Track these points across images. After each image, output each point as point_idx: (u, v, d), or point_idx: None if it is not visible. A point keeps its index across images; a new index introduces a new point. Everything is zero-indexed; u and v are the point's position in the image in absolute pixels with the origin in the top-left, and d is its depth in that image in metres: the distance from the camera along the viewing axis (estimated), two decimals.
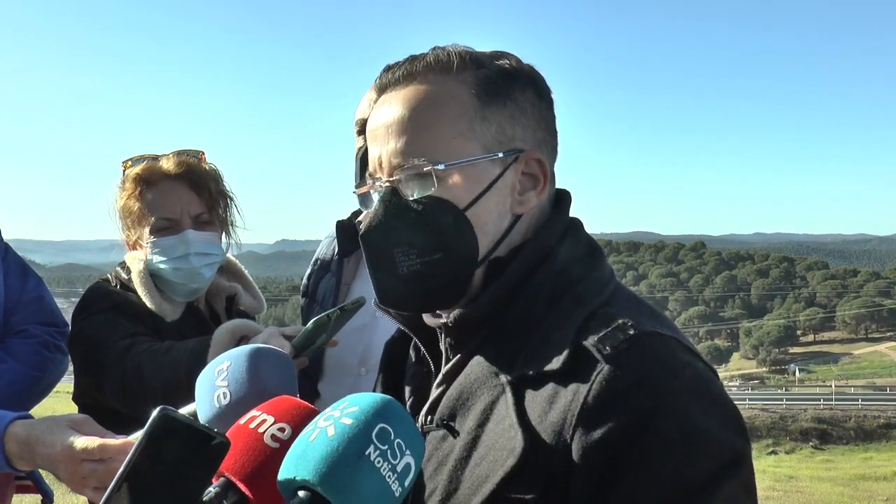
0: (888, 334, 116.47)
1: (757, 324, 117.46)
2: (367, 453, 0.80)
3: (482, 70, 1.09)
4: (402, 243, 1.07)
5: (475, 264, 1.07)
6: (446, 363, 1.13)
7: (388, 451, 0.81)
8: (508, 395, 0.99)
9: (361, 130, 1.95)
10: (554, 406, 0.95)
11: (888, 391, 59.58)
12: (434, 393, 1.12)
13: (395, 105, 1.09)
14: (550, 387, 0.97)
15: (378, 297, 1.13)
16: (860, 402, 47.20)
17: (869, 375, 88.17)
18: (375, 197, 1.12)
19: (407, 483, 0.84)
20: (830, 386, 63.12)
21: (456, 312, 1.08)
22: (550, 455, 0.93)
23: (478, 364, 1.06)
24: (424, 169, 1.05)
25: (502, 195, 1.08)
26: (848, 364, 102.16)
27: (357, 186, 1.91)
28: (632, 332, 0.96)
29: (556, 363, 0.97)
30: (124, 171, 2.07)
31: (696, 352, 1.01)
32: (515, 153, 1.08)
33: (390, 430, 0.83)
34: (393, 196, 1.08)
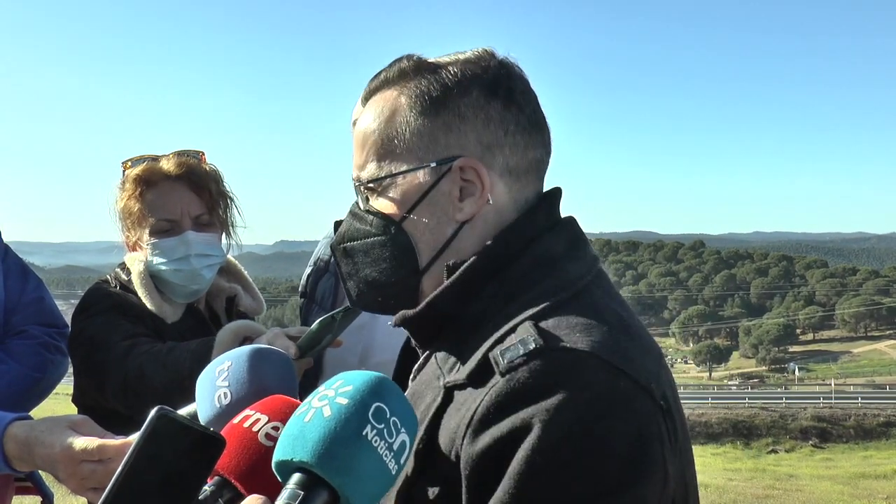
0: (887, 332, 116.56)
1: (756, 322, 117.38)
2: (364, 433, 0.80)
3: (417, 80, 1.11)
4: (360, 252, 1.14)
5: (418, 272, 1.11)
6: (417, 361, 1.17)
7: (385, 430, 0.81)
8: (439, 398, 1.01)
9: None
10: (456, 414, 0.96)
11: (888, 389, 59.74)
12: (408, 389, 1.14)
13: (359, 121, 1.15)
14: (463, 395, 0.98)
15: (350, 302, 1.20)
16: (860, 400, 47.31)
17: (868, 374, 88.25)
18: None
19: (402, 460, 0.84)
20: (830, 384, 63.33)
21: (399, 314, 1.13)
22: (445, 461, 0.95)
23: (430, 364, 1.09)
24: (363, 183, 1.12)
25: (440, 204, 1.09)
26: (847, 362, 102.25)
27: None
28: (533, 346, 0.93)
29: (465, 372, 0.99)
30: (124, 171, 2.06)
31: (628, 371, 0.93)
32: (449, 162, 1.08)
33: (386, 408, 0.83)
34: (356, 208, 1.16)
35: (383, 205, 1.11)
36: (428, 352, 1.13)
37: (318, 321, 1.57)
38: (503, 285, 1.05)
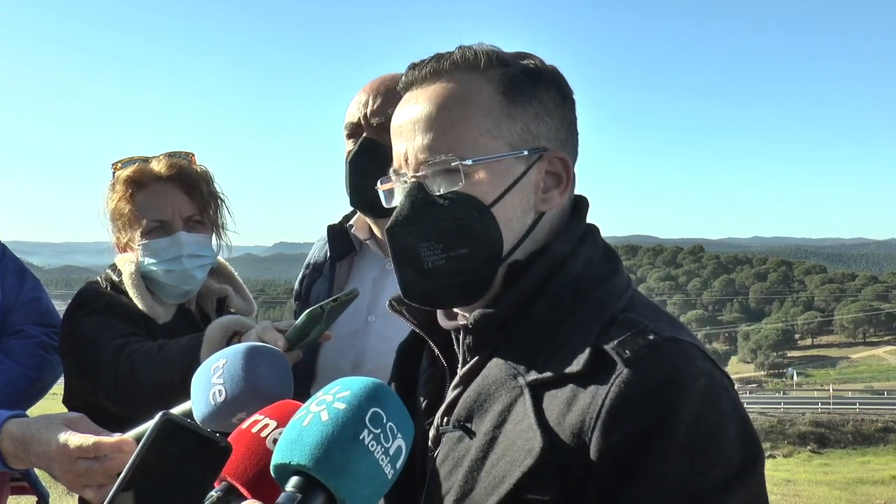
0: (886, 338, 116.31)
1: (755, 327, 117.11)
2: (361, 437, 0.81)
3: (508, 69, 1.10)
4: (429, 238, 1.08)
5: (500, 260, 1.09)
6: (463, 365, 1.12)
7: (381, 435, 0.83)
8: (527, 396, 1.00)
9: (351, 134, 1.94)
10: (573, 408, 0.96)
11: (886, 395, 59.60)
12: (451, 394, 1.12)
13: (421, 102, 1.10)
14: (569, 389, 0.98)
15: (402, 291, 1.13)
16: (858, 405, 47.34)
17: (867, 379, 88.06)
18: (399, 192, 1.13)
19: (398, 465, 0.85)
20: (828, 390, 63.18)
21: (477, 313, 1.08)
22: (568, 456, 0.94)
23: (496, 366, 1.06)
24: (451, 164, 1.07)
25: (526, 192, 1.09)
26: (846, 368, 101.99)
27: (349, 189, 1.91)
28: (652, 337, 0.97)
29: (576, 366, 0.98)
30: (114, 173, 2.06)
31: (713, 359, 1.01)
32: (540, 151, 1.09)
33: (383, 413, 0.84)
34: (419, 191, 1.09)
35: (471, 189, 1.07)
36: (476, 356, 1.10)
37: (305, 313, 1.56)
38: (565, 286, 1.07)
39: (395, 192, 1.15)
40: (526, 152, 1.08)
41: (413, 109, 1.10)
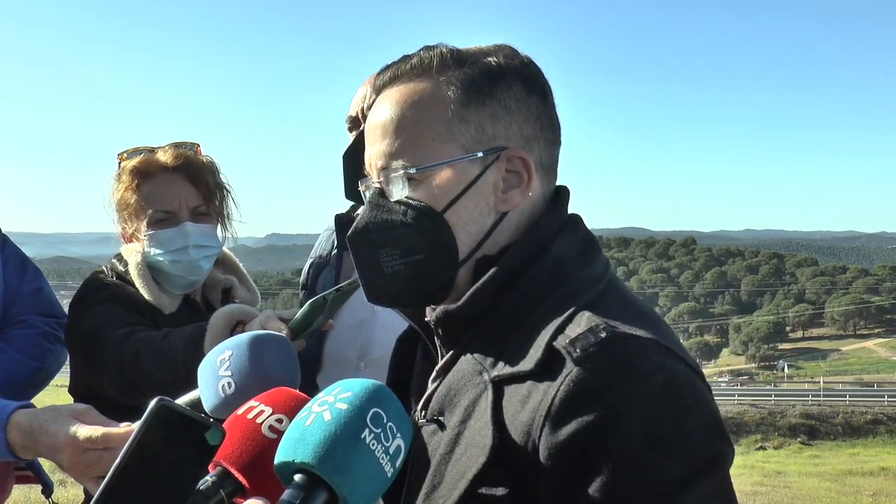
0: (876, 331, 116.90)
1: (746, 320, 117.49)
2: (362, 436, 0.83)
3: (462, 69, 1.09)
4: (386, 244, 1.10)
5: (457, 264, 1.09)
6: (441, 358, 1.14)
7: (382, 434, 0.85)
8: (489, 392, 1.00)
9: (352, 128, 1.95)
10: (525, 406, 0.96)
11: (875, 387, 59.97)
12: (430, 387, 1.13)
13: (382, 107, 1.12)
14: (526, 386, 0.98)
15: (366, 295, 1.15)
16: (848, 398, 47.57)
17: (857, 372, 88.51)
18: (366, 197, 1.15)
19: (398, 464, 0.87)
20: (819, 382, 63.46)
21: (440, 309, 1.09)
22: (520, 454, 0.94)
23: (466, 360, 1.07)
24: (400, 172, 1.08)
25: (484, 194, 1.08)
26: (836, 360, 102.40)
27: (344, 182, 1.93)
28: (603, 334, 0.95)
29: (530, 363, 0.98)
30: (120, 163, 2.07)
31: (680, 354, 0.99)
32: (496, 152, 1.08)
33: (383, 414, 0.86)
34: (379, 198, 1.11)
35: (424, 194, 1.08)
36: (452, 350, 1.11)
37: (308, 302, 1.57)
38: (535, 279, 1.06)
39: (366, 195, 1.16)
40: (480, 154, 1.08)
41: (376, 115, 1.12)
